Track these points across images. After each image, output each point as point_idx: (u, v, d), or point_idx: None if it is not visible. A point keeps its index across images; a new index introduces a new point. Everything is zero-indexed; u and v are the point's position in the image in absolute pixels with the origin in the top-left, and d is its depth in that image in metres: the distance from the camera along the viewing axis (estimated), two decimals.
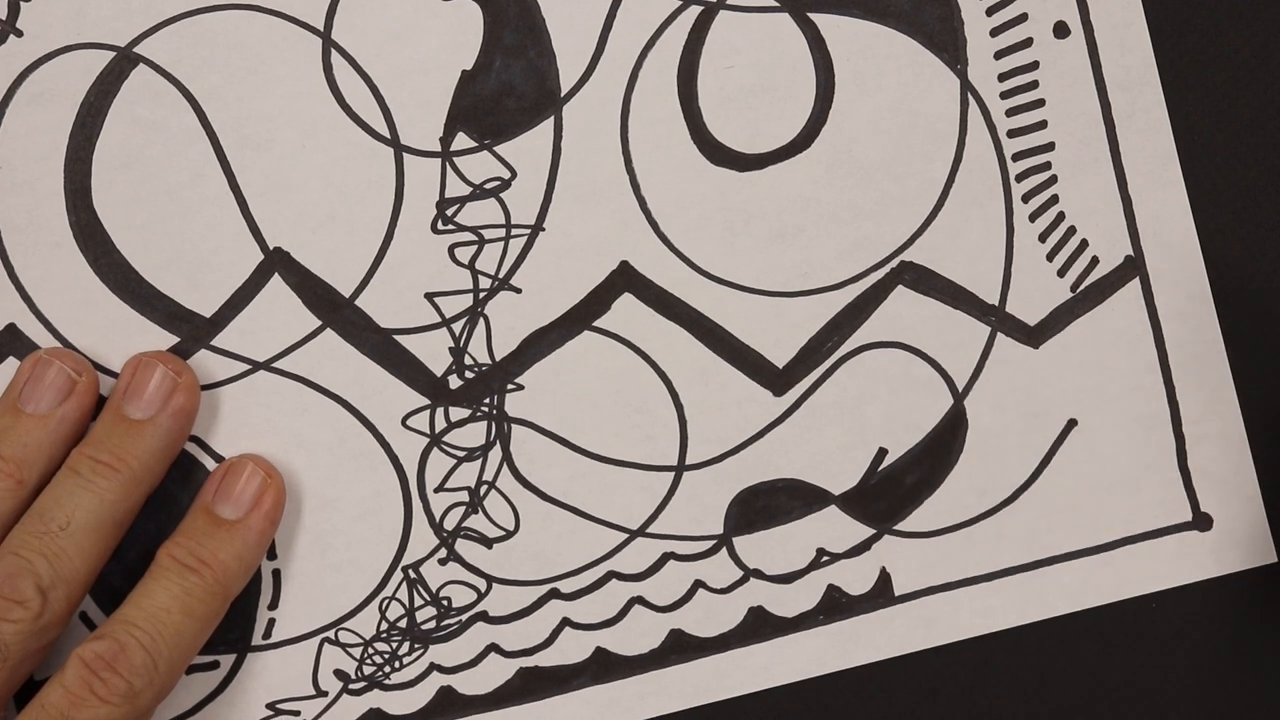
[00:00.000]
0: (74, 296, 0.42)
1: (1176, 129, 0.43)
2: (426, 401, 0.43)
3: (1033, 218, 0.43)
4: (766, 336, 0.43)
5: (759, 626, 0.44)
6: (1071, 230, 0.43)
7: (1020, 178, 0.43)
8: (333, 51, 0.42)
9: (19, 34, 0.41)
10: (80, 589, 0.39)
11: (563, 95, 0.42)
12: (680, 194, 0.43)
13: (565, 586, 0.44)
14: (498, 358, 0.43)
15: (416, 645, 0.44)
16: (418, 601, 0.44)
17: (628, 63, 0.42)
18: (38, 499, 0.40)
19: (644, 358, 0.43)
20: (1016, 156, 0.43)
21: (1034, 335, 0.44)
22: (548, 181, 0.43)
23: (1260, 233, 0.44)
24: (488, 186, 0.43)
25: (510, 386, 0.43)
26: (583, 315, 0.43)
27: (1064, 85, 0.43)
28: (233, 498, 0.41)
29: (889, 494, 0.44)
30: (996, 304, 0.43)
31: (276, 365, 0.43)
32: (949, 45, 0.43)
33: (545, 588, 0.44)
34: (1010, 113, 0.43)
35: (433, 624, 0.44)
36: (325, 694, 0.44)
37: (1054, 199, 0.43)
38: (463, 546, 0.44)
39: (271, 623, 0.43)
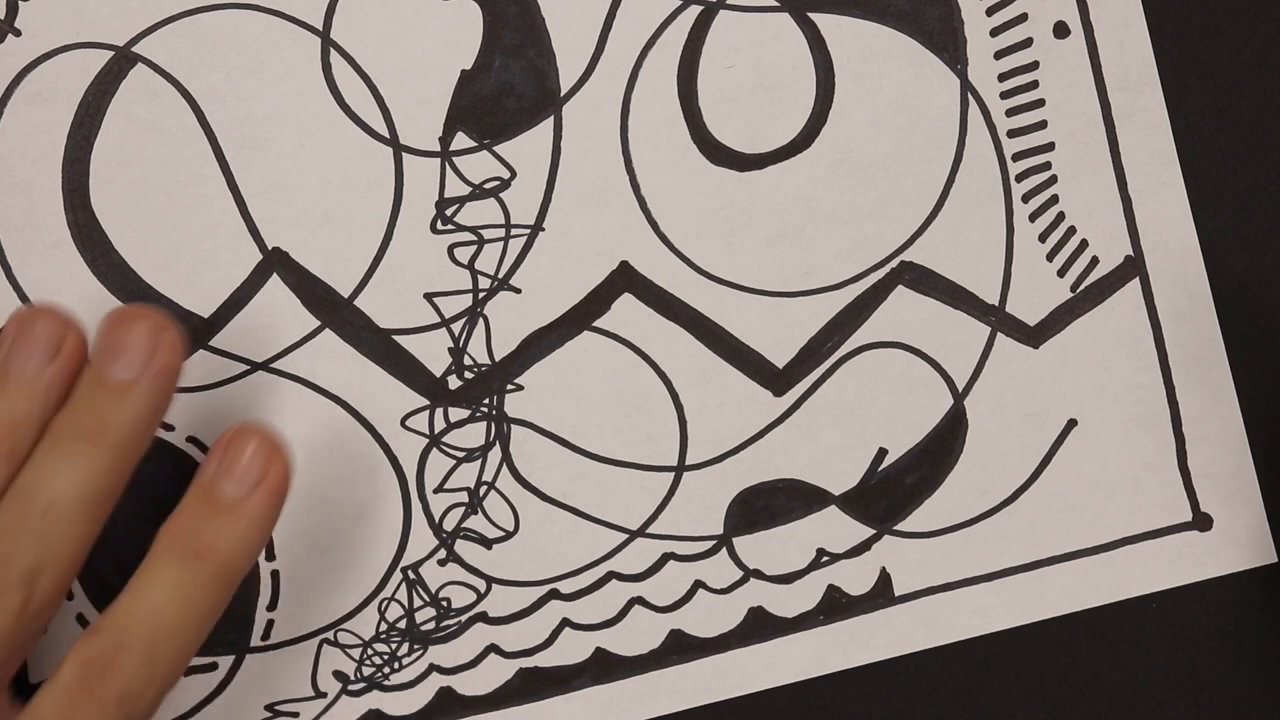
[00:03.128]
0: (72, 297, 0.42)
1: (1176, 129, 0.43)
2: (426, 402, 0.43)
3: (1033, 218, 0.43)
4: (766, 336, 0.43)
5: (759, 627, 0.44)
6: (1071, 230, 0.43)
7: (1020, 178, 0.43)
8: (332, 51, 0.42)
9: (17, 33, 0.41)
10: (69, 572, 0.37)
11: (562, 95, 0.42)
12: (680, 194, 0.43)
13: (565, 587, 0.44)
14: (497, 358, 0.43)
15: (416, 646, 0.44)
16: (417, 602, 0.43)
17: (627, 62, 0.42)
18: (19, 476, 0.36)
19: (644, 358, 0.43)
20: (1016, 156, 0.43)
21: (1034, 335, 0.44)
22: (547, 181, 0.43)
23: (1260, 233, 0.44)
24: (487, 186, 0.42)
25: (510, 387, 0.43)
26: (582, 315, 0.43)
27: (1064, 85, 0.43)
28: (236, 474, 0.37)
29: (889, 494, 0.44)
30: (996, 304, 0.43)
31: (275, 366, 0.43)
32: (949, 45, 0.43)
33: (545, 588, 0.44)
34: (1010, 113, 0.43)
35: (432, 625, 0.44)
36: (324, 695, 0.44)
37: (1054, 199, 0.43)
38: (462, 547, 0.43)
39: (270, 624, 0.43)
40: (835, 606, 0.44)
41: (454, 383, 0.43)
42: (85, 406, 0.37)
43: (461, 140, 0.42)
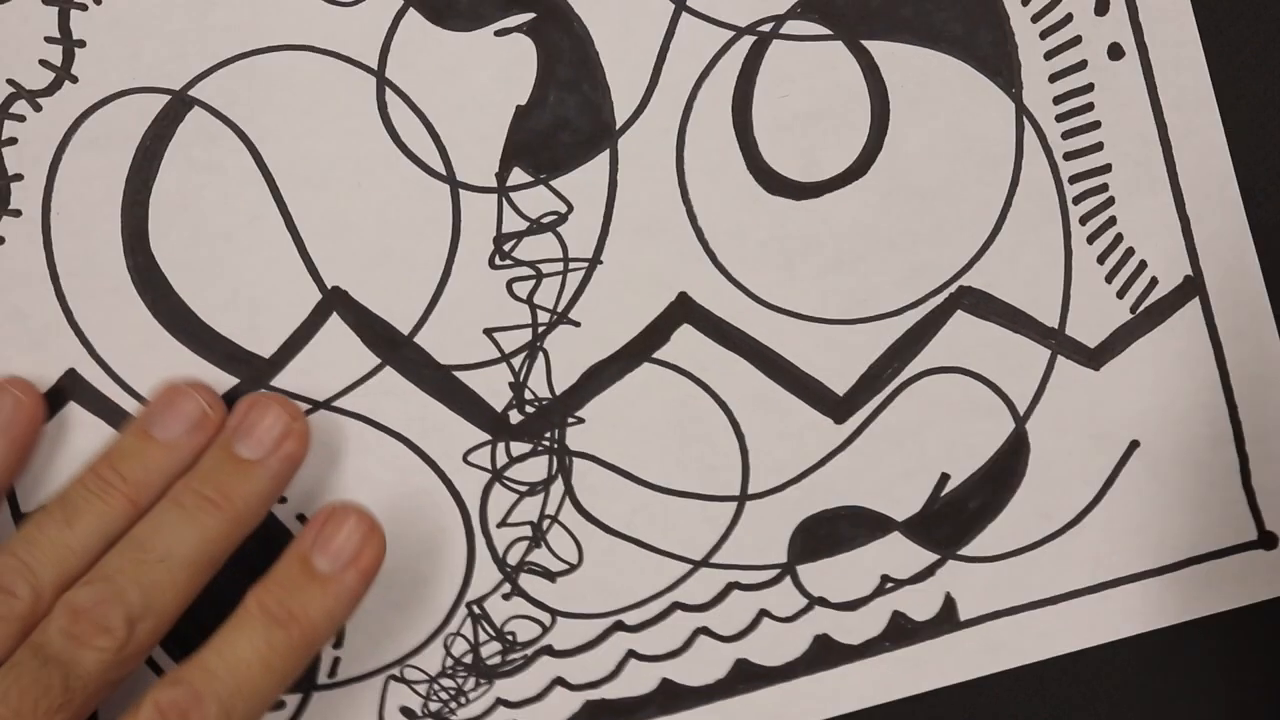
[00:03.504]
0: (133, 340, 0.42)
1: (1233, 148, 0.43)
2: (487, 437, 0.43)
3: (1091, 239, 0.43)
4: (826, 364, 0.43)
5: (824, 654, 0.44)
6: (1130, 251, 0.43)
7: (1077, 200, 0.43)
8: (387, 90, 0.42)
9: (74, 80, 0.42)
10: (167, 623, 0.38)
11: (618, 128, 0.42)
12: (737, 224, 0.43)
13: (630, 618, 0.44)
14: (558, 392, 0.43)
15: (482, 680, 0.44)
16: (482, 637, 0.44)
17: (682, 94, 0.42)
18: (136, 526, 0.39)
19: (704, 388, 0.43)
20: (1073, 179, 0.43)
21: (1094, 357, 0.44)
22: (604, 214, 0.43)
23: None
24: (544, 221, 0.43)
25: (571, 420, 0.43)
26: (642, 347, 0.43)
27: (1120, 107, 0.43)
28: (331, 550, 0.39)
29: (952, 519, 0.44)
30: (1056, 326, 0.43)
31: (336, 404, 0.43)
32: (1003, 69, 0.43)
33: (610, 620, 0.44)
34: (1066, 135, 0.43)
35: (498, 659, 0.44)
36: None
37: (1112, 220, 0.43)
38: (526, 581, 0.44)
39: (336, 661, 0.43)
40: (901, 633, 0.44)
41: (515, 417, 0.43)
42: (211, 475, 0.40)
43: (518, 175, 0.42)
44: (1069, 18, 0.42)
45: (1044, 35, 0.43)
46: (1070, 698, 0.44)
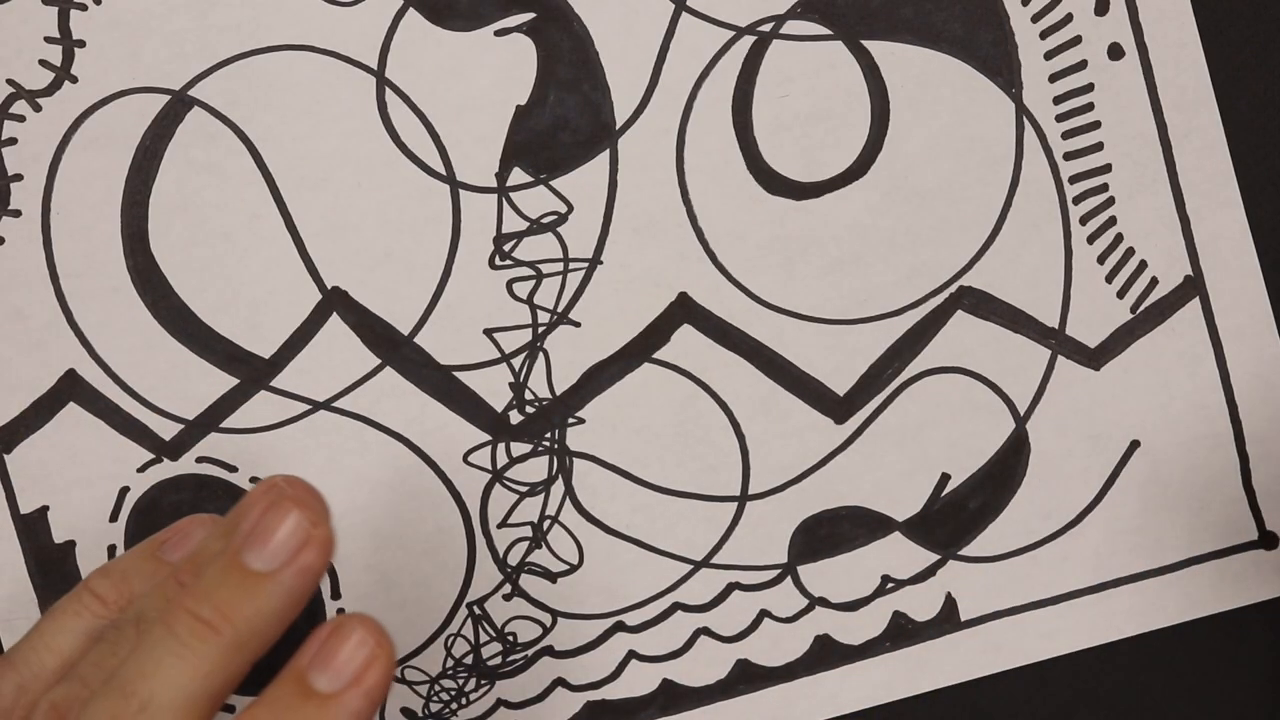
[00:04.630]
0: (133, 340, 0.42)
1: (1233, 148, 0.43)
2: (488, 437, 0.43)
3: (1091, 240, 0.43)
4: (827, 364, 0.43)
5: (825, 655, 0.44)
6: (1130, 251, 0.43)
7: (1078, 200, 0.43)
8: (387, 90, 0.42)
9: (74, 80, 0.41)
10: None
11: (618, 128, 0.42)
12: (737, 224, 0.43)
13: (630, 619, 0.44)
14: (558, 392, 0.43)
15: (483, 681, 0.44)
16: (483, 637, 0.44)
17: (682, 94, 0.42)
18: (123, 664, 0.32)
19: (704, 388, 0.43)
20: (1073, 179, 0.43)
21: (1095, 357, 0.44)
22: (604, 214, 0.43)
23: None
24: (544, 221, 0.43)
25: (571, 420, 0.43)
26: (642, 347, 0.43)
27: (1120, 107, 0.43)
28: (332, 666, 0.33)
29: (953, 519, 0.44)
30: (1056, 327, 0.43)
31: (336, 405, 0.43)
32: (1003, 69, 0.43)
33: (610, 620, 0.44)
34: (1066, 135, 0.43)
35: (499, 659, 0.44)
36: None
37: (1112, 220, 0.43)
38: (527, 581, 0.43)
39: None
40: (901, 633, 0.44)
41: (515, 418, 0.43)
42: (213, 592, 0.33)
43: (518, 175, 0.42)
44: (1069, 18, 0.43)
45: (1044, 35, 0.43)
46: (1070, 698, 0.44)
